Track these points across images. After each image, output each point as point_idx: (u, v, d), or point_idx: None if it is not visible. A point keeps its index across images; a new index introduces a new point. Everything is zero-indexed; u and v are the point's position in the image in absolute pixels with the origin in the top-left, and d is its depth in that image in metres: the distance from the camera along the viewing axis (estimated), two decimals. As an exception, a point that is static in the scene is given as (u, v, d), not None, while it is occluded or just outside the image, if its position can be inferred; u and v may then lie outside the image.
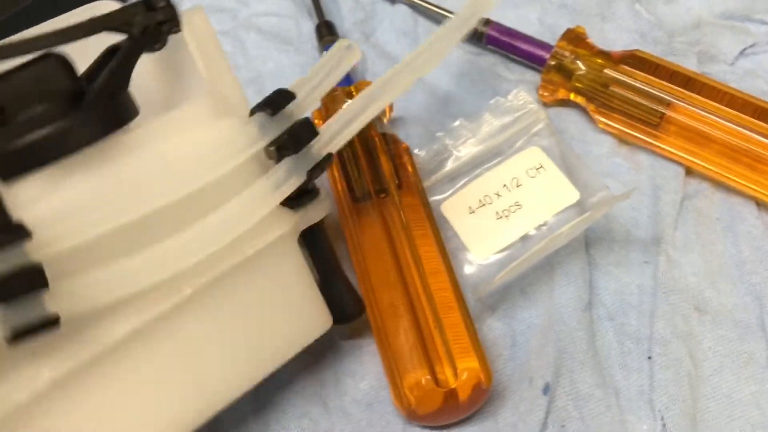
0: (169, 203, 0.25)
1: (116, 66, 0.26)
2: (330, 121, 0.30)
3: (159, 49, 0.28)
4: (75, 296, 0.23)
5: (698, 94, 0.38)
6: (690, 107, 0.37)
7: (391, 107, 0.41)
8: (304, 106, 0.29)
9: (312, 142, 0.29)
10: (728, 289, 0.36)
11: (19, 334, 0.21)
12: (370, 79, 0.44)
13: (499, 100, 0.41)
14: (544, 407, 0.32)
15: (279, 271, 0.29)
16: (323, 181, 0.37)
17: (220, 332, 0.27)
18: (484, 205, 0.38)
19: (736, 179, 0.37)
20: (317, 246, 0.32)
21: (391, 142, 0.38)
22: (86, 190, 0.24)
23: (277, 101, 0.28)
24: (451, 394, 0.31)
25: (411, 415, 0.32)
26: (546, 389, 0.33)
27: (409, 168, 0.38)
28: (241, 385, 0.29)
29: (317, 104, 0.32)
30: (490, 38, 0.43)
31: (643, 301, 0.35)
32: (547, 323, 0.35)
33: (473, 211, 0.38)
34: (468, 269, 0.37)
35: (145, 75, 0.28)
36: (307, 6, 0.47)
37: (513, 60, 0.44)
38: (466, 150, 0.40)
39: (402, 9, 0.47)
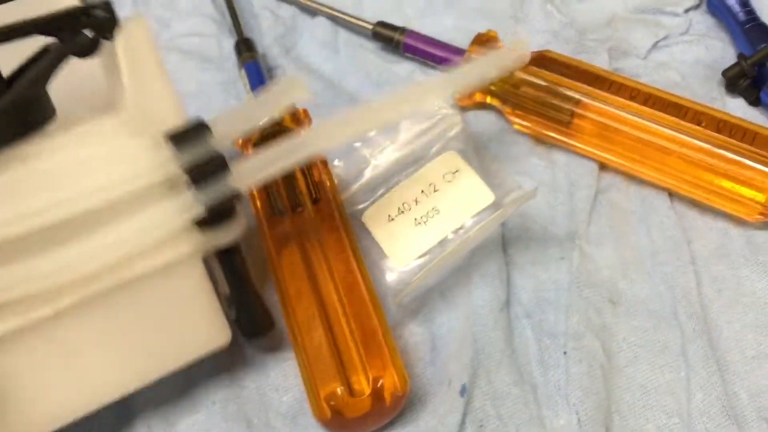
0: (60, 218, 0.25)
1: (43, 68, 0.26)
2: (249, 158, 0.29)
3: (89, 55, 0.28)
4: None
5: (607, 91, 0.38)
6: (599, 105, 0.38)
7: (308, 117, 0.41)
8: (222, 139, 0.28)
9: (222, 177, 0.28)
10: (642, 279, 0.36)
11: None
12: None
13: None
14: (461, 408, 0.33)
15: (176, 286, 0.29)
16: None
17: (105, 338, 0.28)
18: (402, 212, 0.39)
19: (648, 172, 0.38)
20: (229, 263, 0.32)
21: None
22: None
23: (193, 133, 0.28)
24: (367, 403, 0.32)
25: (330, 426, 0.32)
26: (463, 390, 0.33)
27: (327, 181, 0.38)
28: (120, 388, 0.30)
29: (240, 135, 0.31)
30: (407, 46, 0.44)
31: (559, 297, 0.36)
32: (466, 325, 0.35)
33: (392, 219, 0.39)
34: (389, 276, 0.37)
35: (84, 75, 0.29)
36: (228, 24, 0.48)
37: (431, 67, 0.44)
38: (384, 158, 0.41)
39: (322, 21, 0.47)
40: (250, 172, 0.29)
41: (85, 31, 0.28)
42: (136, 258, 0.27)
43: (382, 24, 0.45)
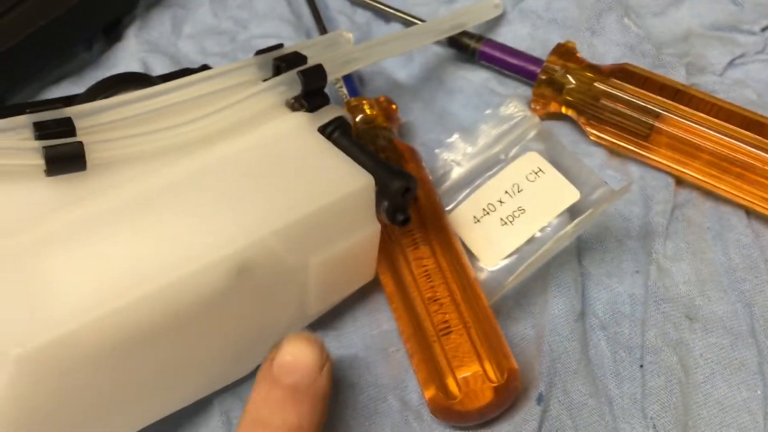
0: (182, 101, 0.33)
1: None
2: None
3: None
4: (101, 146, 0.30)
5: (687, 105, 0.38)
6: (679, 119, 0.38)
7: (399, 118, 0.42)
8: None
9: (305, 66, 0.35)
10: (719, 296, 0.36)
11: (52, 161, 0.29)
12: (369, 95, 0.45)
13: (493, 111, 0.42)
14: (538, 417, 0.33)
15: (300, 146, 0.33)
16: None
17: (245, 183, 0.32)
18: (488, 213, 0.39)
19: (726, 188, 0.38)
20: (343, 144, 0.34)
21: (413, 155, 0.40)
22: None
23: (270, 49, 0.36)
24: (497, 390, 0.32)
25: (452, 415, 0.33)
26: (539, 399, 0.33)
27: (430, 178, 0.39)
28: (271, 221, 0.31)
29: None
30: (483, 54, 0.44)
31: (635, 310, 0.36)
32: (541, 334, 0.36)
33: (478, 220, 0.39)
34: (479, 277, 0.37)
35: None
36: (305, 28, 0.48)
37: (505, 75, 0.45)
38: (465, 162, 0.41)
39: (397, 27, 0.48)
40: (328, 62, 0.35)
41: None
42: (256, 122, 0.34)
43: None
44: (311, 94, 0.35)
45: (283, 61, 0.35)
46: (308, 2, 0.48)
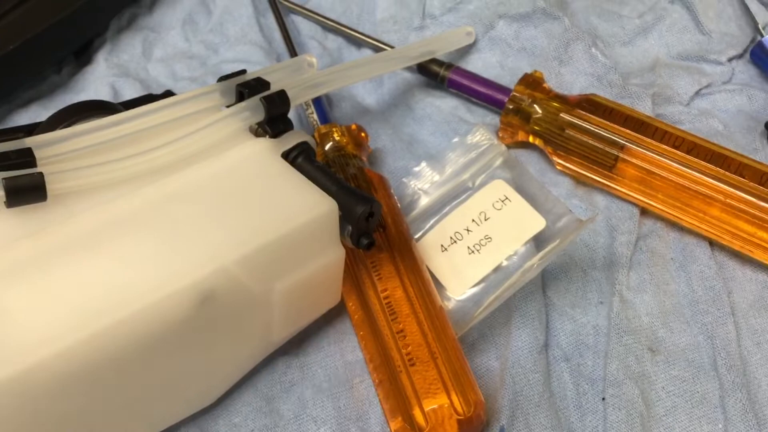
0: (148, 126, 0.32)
1: None
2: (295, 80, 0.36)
3: None
4: (62, 176, 0.30)
5: (651, 137, 0.39)
6: (643, 150, 0.39)
7: (368, 146, 0.42)
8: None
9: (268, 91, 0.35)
10: (681, 328, 0.36)
11: (11, 193, 0.28)
12: (340, 121, 0.45)
13: (460, 139, 0.42)
14: (499, 450, 0.33)
15: (260, 174, 0.33)
16: None
17: (208, 211, 0.32)
18: (455, 242, 0.39)
19: (689, 220, 0.38)
20: (306, 169, 0.34)
21: (381, 180, 0.39)
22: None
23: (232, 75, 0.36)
24: (467, 421, 0.32)
25: None
26: (501, 431, 0.33)
27: (398, 206, 0.39)
28: (233, 249, 0.31)
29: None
30: (451, 82, 0.44)
31: (598, 342, 0.36)
32: (504, 366, 0.35)
33: (445, 249, 0.39)
34: (446, 306, 0.37)
35: None
36: (276, 53, 0.48)
37: (474, 103, 0.45)
38: (432, 190, 0.41)
39: (368, 53, 0.48)
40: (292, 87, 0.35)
41: None
42: (217, 150, 0.33)
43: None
44: (274, 119, 0.35)
45: (245, 87, 0.34)
46: (280, 27, 0.48)
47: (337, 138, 0.40)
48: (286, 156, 0.34)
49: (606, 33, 0.47)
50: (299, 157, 0.34)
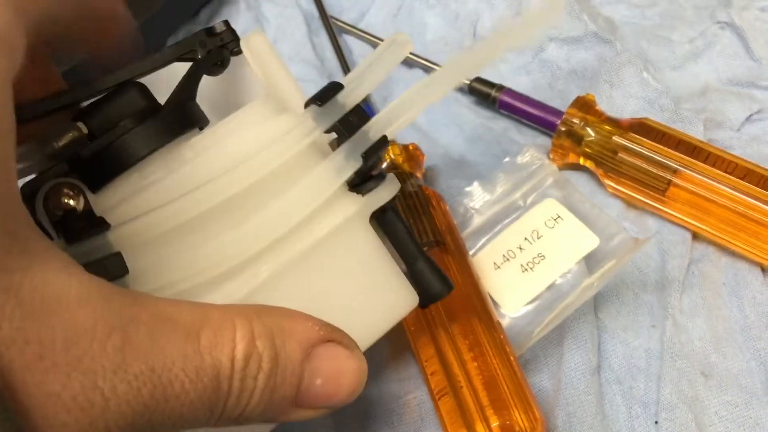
0: (236, 193, 0.27)
1: (182, 82, 0.29)
2: (383, 110, 0.30)
3: (223, 67, 0.31)
4: (150, 281, 0.26)
5: (704, 162, 0.39)
6: (695, 175, 0.39)
7: (422, 153, 0.43)
8: (355, 96, 0.30)
9: (366, 127, 0.29)
10: (733, 353, 0.37)
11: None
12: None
13: (511, 160, 0.43)
14: (553, 470, 0.33)
15: (352, 250, 0.30)
16: None
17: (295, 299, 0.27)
18: (508, 260, 0.40)
19: (741, 245, 0.39)
20: (393, 229, 0.32)
21: (437, 199, 0.40)
22: (163, 188, 0.27)
23: (326, 92, 0.29)
24: None
25: None
26: (555, 453, 0.34)
27: (453, 222, 0.40)
28: None
29: (369, 90, 0.31)
30: (502, 103, 0.45)
31: (650, 365, 0.36)
32: (557, 387, 0.36)
33: (498, 267, 0.40)
34: (503, 325, 0.38)
35: (216, 93, 0.32)
36: (329, 72, 0.49)
37: (525, 124, 0.45)
38: (484, 209, 0.42)
39: (418, 73, 0.48)
40: (388, 119, 0.30)
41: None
42: (309, 223, 0.28)
43: (479, 80, 0.46)
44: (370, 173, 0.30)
45: (345, 128, 0.29)
46: (333, 45, 0.49)
47: (394, 157, 0.41)
48: (375, 217, 0.31)
49: (656, 57, 0.47)
50: (387, 218, 0.31)
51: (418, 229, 0.37)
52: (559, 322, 0.37)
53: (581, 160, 0.43)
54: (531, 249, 0.40)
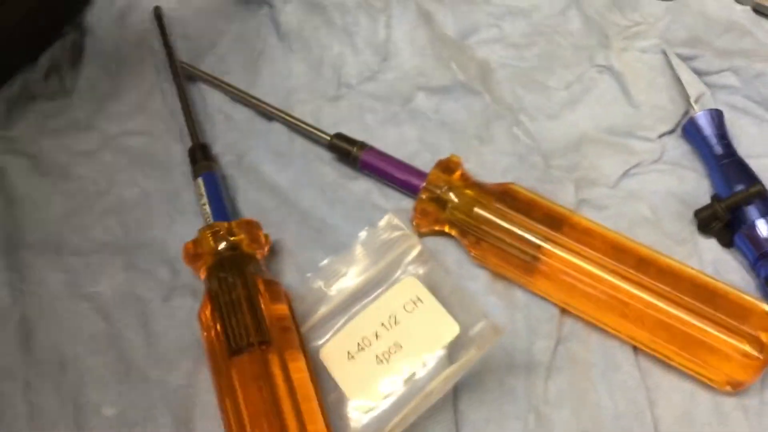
0: None
1: None
2: None
3: None
4: None
5: (570, 237, 0.36)
6: (561, 253, 0.36)
7: (269, 241, 0.39)
8: None
9: None
10: (600, 449, 0.34)
11: None
12: (242, 205, 0.42)
13: (370, 231, 0.39)
14: None
15: None
16: (194, 331, 0.36)
17: None
18: (363, 348, 0.36)
19: (611, 325, 0.36)
20: None
21: (272, 289, 0.36)
22: None
23: None
24: None
25: None
26: None
27: (290, 318, 0.36)
28: None
29: None
30: (364, 163, 0.41)
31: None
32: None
33: (353, 357, 0.36)
34: (354, 422, 0.34)
35: None
36: (179, 125, 0.45)
37: (388, 186, 0.42)
38: (339, 288, 0.38)
39: (278, 127, 0.44)
40: None
41: None
42: None
43: (339, 136, 0.42)
44: None
45: None
46: (180, 96, 0.44)
47: (232, 236, 0.37)
48: None
49: (531, 105, 0.44)
50: None
51: (238, 328, 0.33)
52: (415, 417, 0.34)
53: (446, 228, 0.39)
54: (388, 336, 0.36)
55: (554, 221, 0.37)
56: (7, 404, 0.35)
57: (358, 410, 0.35)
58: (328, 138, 0.42)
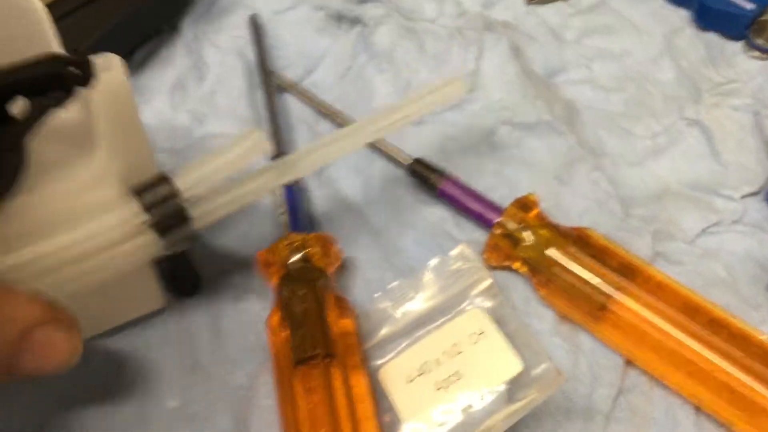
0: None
1: (19, 127, 0.27)
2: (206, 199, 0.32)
3: (66, 104, 0.28)
4: None
5: (643, 289, 0.36)
6: (632, 304, 0.35)
7: (340, 257, 0.39)
8: (187, 190, 0.31)
9: (184, 226, 0.31)
10: (652, 507, 0.33)
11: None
12: (316, 217, 0.42)
13: (442, 259, 0.39)
14: None
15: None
16: (260, 336, 0.37)
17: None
18: (423, 373, 0.36)
19: (675, 381, 0.35)
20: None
21: (340, 304, 0.37)
22: None
23: (156, 185, 0.30)
24: None
25: None
26: None
27: (355, 334, 0.36)
28: None
29: (204, 187, 0.32)
30: (442, 192, 0.42)
31: None
32: None
33: (412, 380, 0.36)
34: None
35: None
36: (264, 130, 0.46)
37: (463, 216, 0.42)
38: (405, 310, 0.38)
39: (360, 145, 0.45)
40: (209, 214, 0.32)
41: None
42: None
43: (420, 162, 0.43)
44: None
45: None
46: (268, 106, 0.45)
47: (309, 251, 0.37)
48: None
49: (614, 151, 0.44)
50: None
51: (305, 339, 0.34)
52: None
53: (516, 265, 0.39)
54: (449, 365, 0.36)
55: (628, 271, 0.36)
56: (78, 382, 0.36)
57: (412, 435, 0.35)
58: (409, 162, 0.43)
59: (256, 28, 0.49)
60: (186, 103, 0.47)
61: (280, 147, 0.43)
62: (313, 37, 0.50)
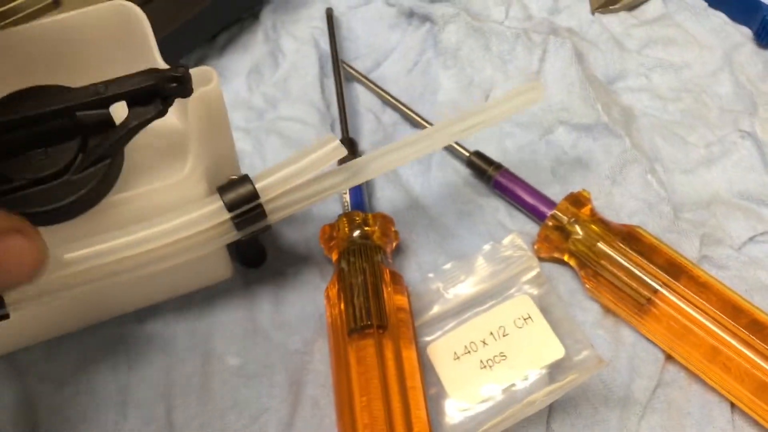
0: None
1: (119, 135, 0.31)
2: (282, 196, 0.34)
3: (162, 115, 0.31)
4: None
5: (688, 287, 0.37)
6: (676, 300, 0.37)
7: (397, 237, 0.41)
8: (266, 189, 0.33)
9: (260, 221, 0.34)
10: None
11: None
12: (377, 200, 0.45)
13: (494, 246, 0.41)
14: None
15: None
16: (318, 305, 0.39)
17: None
18: (469, 352, 0.38)
19: (713, 378, 0.37)
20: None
21: (395, 280, 0.39)
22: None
23: (239, 185, 0.33)
24: None
25: None
26: None
27: (408, 311, 0.39)
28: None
29: (284, 187, 0.34)
30: (497, 183, 0.44)
31: (593, 492, 0.35)
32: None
33: (458, 358, 0.38)
34: (449, 419, 0.37)
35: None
36: (331, 117, 0.49)
37: (517, 208, 0.44)
38: (456, 292, 0.40)
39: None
40: (282, 210, 0.34)
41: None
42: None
43: (478, 154, 0.45)
44: None
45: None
46: (337, 93, 0.48)
47: (367, 227, 0.40)
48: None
49: (668, 157, 0.45)
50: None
51: (360, 310, 0.36)
52: (508, 425, 0.35)
53: (565, 257, 0.41)
54: (494, 346, 0.38)
55: (674, 269, 0.38)
56: (146, 338, 0.39)
57: (456, 408, 0.37)
58: (467, 154, 0.45)
59: (331, 20, 0.52)
60: (261, 86, 0.50)
61: (347, 132, 0.46)
62: (383, 32, 0.53)
